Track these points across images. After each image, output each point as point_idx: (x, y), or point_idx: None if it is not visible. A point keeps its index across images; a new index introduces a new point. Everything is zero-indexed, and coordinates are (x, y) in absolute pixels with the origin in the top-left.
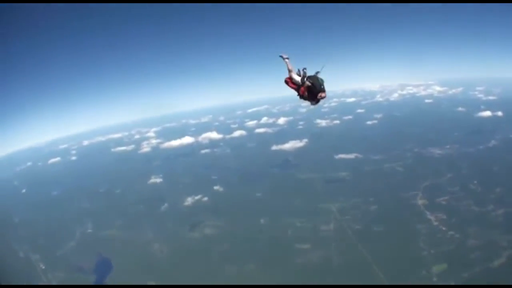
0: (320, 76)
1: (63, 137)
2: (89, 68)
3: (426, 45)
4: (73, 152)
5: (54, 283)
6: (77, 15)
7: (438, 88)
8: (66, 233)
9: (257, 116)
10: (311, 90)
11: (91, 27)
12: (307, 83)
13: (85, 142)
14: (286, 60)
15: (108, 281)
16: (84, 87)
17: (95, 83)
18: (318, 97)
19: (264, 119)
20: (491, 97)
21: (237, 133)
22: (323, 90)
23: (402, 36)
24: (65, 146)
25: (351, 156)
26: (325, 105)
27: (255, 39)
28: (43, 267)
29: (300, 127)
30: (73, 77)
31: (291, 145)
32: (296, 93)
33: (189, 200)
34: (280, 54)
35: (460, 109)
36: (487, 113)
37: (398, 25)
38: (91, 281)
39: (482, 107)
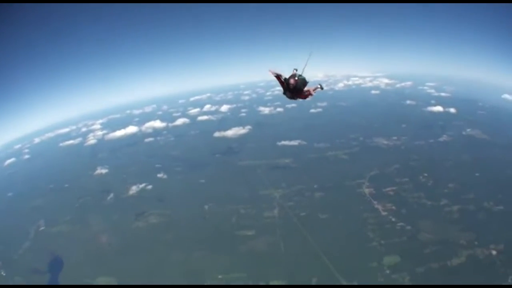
0: (301, 73)
1: (17, 137)
2: (32, 67)
3: (374, 36)
4: (26, 151)
5: None
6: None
7: (385, 81)
8: (21, 234)
9: (199, 104)
10: (286, 83)
11: (29, 24)
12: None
13: (36, 140)
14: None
15: (60, 279)
16: (29, 87)
17: (39, 81)
18: (289, 84)
19: (206, 107)
20: (443, 94)
21: (180, 121)
22: (293, 78)
23: (348, 25)
24: (18, 146)
25: (295, 143)
26: (268, 93)
27: (196, 30)
28: (4, 274)
29: (243, 114)
30: (17, 79)
31: (233, 132)
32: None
33: (133, 189)
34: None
35: (408, 102)
36: (439, 108)
37: (345, 16)
38: (46, 281)
39: (433, 101)
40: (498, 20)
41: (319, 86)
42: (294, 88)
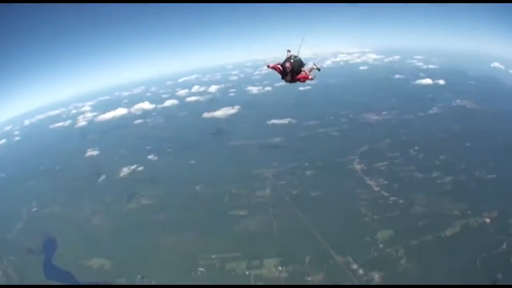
0: (297, 55)
1: (7, 119)
2: (21, 49)
3: (360, 10)
4: (16, 132)
5: (10, 267)
6: None
7: (373, 56)
8: (14, 215)
9: (188, 85)
10: (283, 67)
11: (19, 8)
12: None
13: (27, 122)
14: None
15: (54, 260)
16: (19, 69)
17: (29, 64)
18: (285, 68)
19: (195, 88)
20: (431, 66)
21: (169, 103)
22: (288, 61)
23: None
24: (9, 127)
25: (285, 121)
26: (256, 72)
27: (181, 11)
28: None
29: (232, 94)
30: (7, 61)
31: (223, 112)
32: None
33: (125, 171)
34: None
35: (397, 76)
36: (428, 81)
37: None
38: (41, 261)
39: (422, 74)
40: None
41: (314, 67)
42: (292, 71)
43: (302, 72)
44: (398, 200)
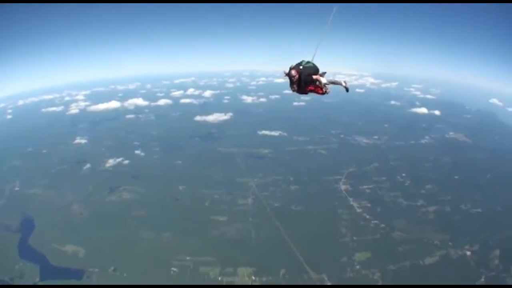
0: (310, 60)
1: (2, 97)
2: (23, 30)
3: (362, 35)
4: (9, 111)
5: None
6: None
7: (371, 80)
8: None
9: (183, 86)
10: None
11: None
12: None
13: (20, 102)
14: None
15: (30, 241)
16: (18, 49)
17: (28, 45)
18: (291, 77)
19: (190, 90)
20: (429, 96)
21: (162, 102)
22: (294, 68)
23: (336, 24)
24: (2, 105)
25: (275, 133)
26: (253, 83)
27: (185, 11)
28: None
29: (226, 101)
30: (8, 39)
31: (215, 117)
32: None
33: (110, 162)
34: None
35: (393, 102)
36: (423, 110)
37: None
38: (16, 239)
39: (418, 103)
40: (490, 25)
41: (343, 84)
42: (299, 80)
43: (315, 81)
44: (380, 224)
